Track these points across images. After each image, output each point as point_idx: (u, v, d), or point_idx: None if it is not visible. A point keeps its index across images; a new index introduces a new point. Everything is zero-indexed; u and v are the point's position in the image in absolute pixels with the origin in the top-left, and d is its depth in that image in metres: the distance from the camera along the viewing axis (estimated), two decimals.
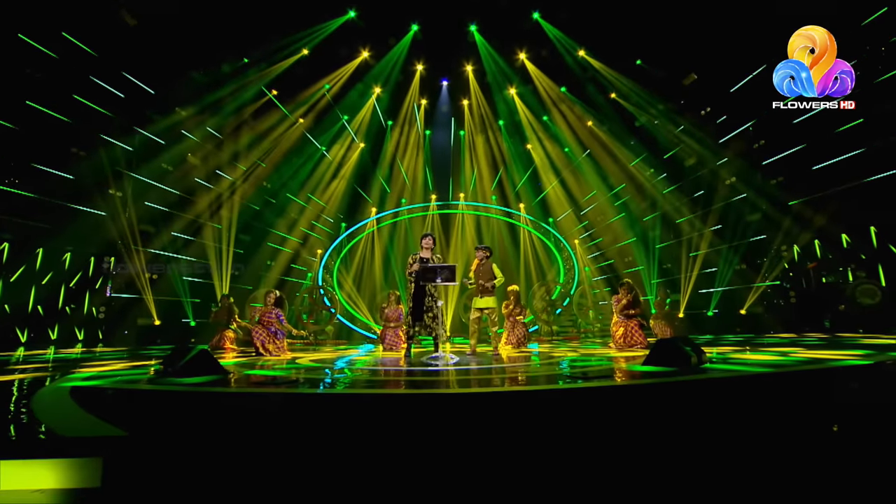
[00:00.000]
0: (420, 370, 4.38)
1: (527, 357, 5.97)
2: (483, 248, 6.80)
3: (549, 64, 12.29)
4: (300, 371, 4.42)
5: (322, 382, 3.52)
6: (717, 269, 11.49)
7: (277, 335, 7.12)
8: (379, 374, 4.16)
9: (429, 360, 5.55)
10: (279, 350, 7.06)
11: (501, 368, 4.35)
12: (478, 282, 6.64)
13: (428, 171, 16.01)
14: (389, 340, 8.92)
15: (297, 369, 4.61)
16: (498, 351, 6.46)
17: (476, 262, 6.77)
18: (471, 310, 6.83)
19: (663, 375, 3.33)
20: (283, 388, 3.03)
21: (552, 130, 14.36)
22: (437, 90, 14.15)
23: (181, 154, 11.02)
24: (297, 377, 3.67)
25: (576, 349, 7.19)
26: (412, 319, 6.55)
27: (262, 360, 5.83)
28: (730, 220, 11.24)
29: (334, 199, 15.01)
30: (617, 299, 7.45)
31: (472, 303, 6.80)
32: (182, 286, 11.01)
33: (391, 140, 14.93)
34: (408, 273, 6.63)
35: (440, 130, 15.43)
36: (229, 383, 3.34)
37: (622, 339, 7.15)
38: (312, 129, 13.72)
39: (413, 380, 3.64)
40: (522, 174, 15.51)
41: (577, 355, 5.80)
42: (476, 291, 6.67)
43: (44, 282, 8.65)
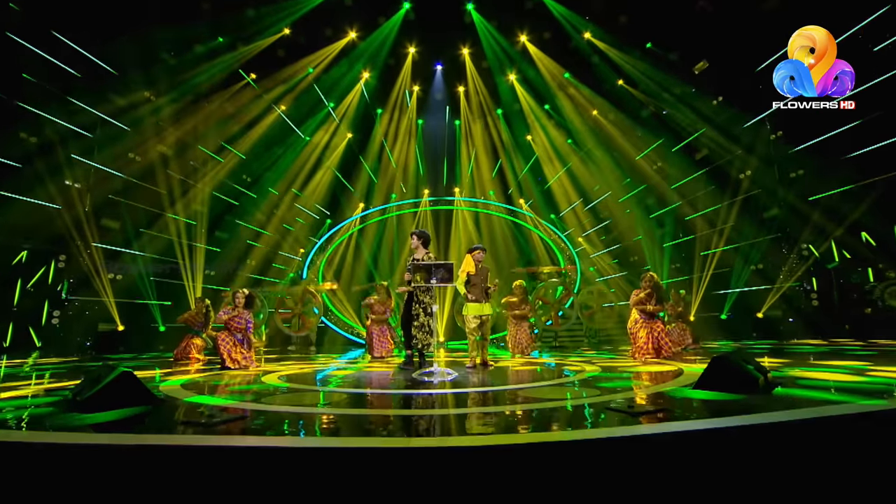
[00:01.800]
0: (411, 393, 3.55)
1: (535, 372, 5.16)
2: (481, 247, 6.04)
3: (554, 46, 11.51)
4: (261, 395, 3.58)
5: (283, 420, 2.68)
6: (733, 269, 10.78)
7: (243, 343, 6.25)
8: (359, 402, 3.32)
9: (422, 377, 4.75)
10: (246, 360, 6.19)
11: (514, 394, 3.54)
12: (480, 286, 5.86)
13: (420, 164, 15.21)
14: (377, 340, 8.14)
15: (259, 392, 3.77)
16: (489, 362, 5.74)
17: (473, 263, 5.98)
18: (467, 318, 6.02)
19: (733, 408, 2.54)
20: (220, 433, 2.19)
21: (556, 119, 13.58)
22: (430, 75, 13.32)
23: (148, 142, 10.07)
24: (247, 412, 2.82)
25: (591, 360, 6.40)
26: (407, 330, 5.80)
27: (223, 376, 4.96)
28: (747, 216, 10.55)
29: (318, 193, 14.12)
30: (636, 293, 6.66)
31: (465, 309, 6.00)
32: (148, 287, 10.06)
33: (380, 129, 14.07)
34: (407, 280, 5.81)
35: (434, 119, 14.59)
36: (147, 423, 2.49)
37: (649, 345, 6.34)
38: (294, 117, 12.83)
39: (402, 414, 2.81)
40: (523, 167, 14.73)
41: (596, 370, 5.01)
42: (479, 296, 5.88)
43: None
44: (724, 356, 3.18)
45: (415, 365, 5.81)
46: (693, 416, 2.46)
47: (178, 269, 10.65)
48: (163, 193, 10.43)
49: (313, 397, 3.48)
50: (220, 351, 6.12)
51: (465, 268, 6.00)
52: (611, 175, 13.46)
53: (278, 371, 5.49)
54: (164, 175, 10.51)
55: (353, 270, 14.55)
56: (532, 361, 6.61)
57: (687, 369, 4.65)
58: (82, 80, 8.84)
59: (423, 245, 5.92)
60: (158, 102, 10.16)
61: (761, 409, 2.40)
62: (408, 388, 4.00)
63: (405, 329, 5.82)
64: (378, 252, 14.87)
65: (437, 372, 4.96)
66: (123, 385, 2.81)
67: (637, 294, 6.61)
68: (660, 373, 4.55)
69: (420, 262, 5.72)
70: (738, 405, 2.60)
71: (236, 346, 6.17)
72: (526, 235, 15.32)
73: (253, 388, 4.05)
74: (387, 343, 8.35)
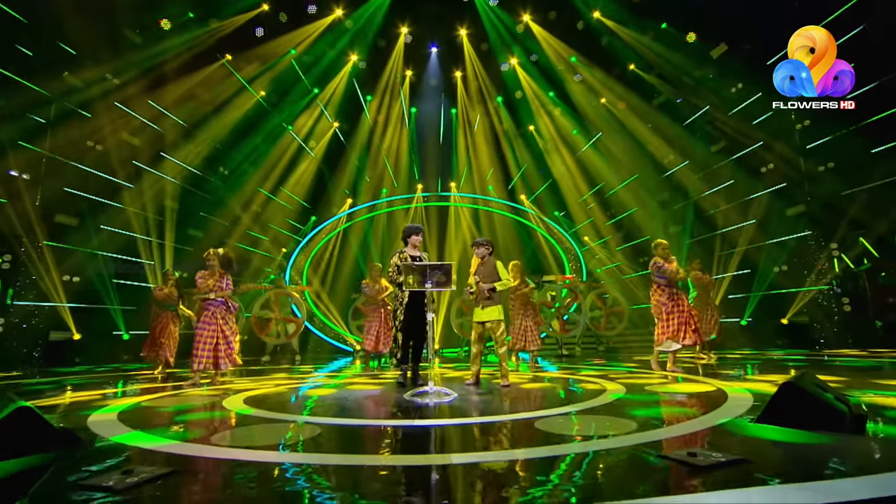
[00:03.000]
0: (398, 426, 2.98)
1: (547, 391, 4.61)
2: (482, 243, 5.34)
3: (560, 26, 11.00)
4: (214, 428, 2.99)
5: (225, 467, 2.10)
6: (756, 271, 10.31)
7: (228, 323, 5.53)
8: (329, 440, 2.75)
9: (414, 399, 4.20)
10: (228, 359, 5.44)
11: (530, 429, 2.98)
12: (479, 286, 5.26)
13: (414, 156, 14.63)
14: (373, 333, 7.59)
15: (213, 424, 3.18)
16: (507, 381, 5.10)
17: (476, 261, 5.39)
18: (472, 323, 5.45)
19: (828, 455, 2.00)
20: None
21: (562, 107, 13.07)
22: (424, 59, 12.78)
23: (110, 128, 9.41)
24: (178, 471, 2.24)
25: (606, 373, 5.85)
26: (401, 339, 5.21)
27: (179, 396, 4.36)
28: (771, 212, 10.08)
29: (301, 187, 13.52)
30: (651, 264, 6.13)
31: (472, 315, 5.43)
32: (110, 290, 9.40)
33: (369, 118, 13.51)
34: (394, 279, 5.29)
35: (428, 107, 14.06)
36: (33, 490, 1.91)
37: (684, 327, 5.80)
38: (275, 103, 12.23)
39: (381, 465, 2.25)
40: (526, 159, 14.22)
41: (619, 390, 4.46)
42: (477, 300, 5.29)
43: None
44: (797, 382, 2.64)
45: (407, 381, 5.27)
46: (791, 472, 1.91)
47: (143, 271, 10.00)
48: (126, 186, 9.77)
49: (276, 434, 2.89)
50: (202, 352, 5.30)
51: (472, 267, 5.46)
52: (622, 168, 12.98)
53: (248, 390, 4.89)
54: (128, 166, 9.85)
55: (337, 272, 13.95)
56: (539, 373, 6.05)
57: (729, 390, 4.11)
58: (34, 58, 8.19)
59: (404, 240, 5.39)
60: (119, 83, 9.50)
61: (875, 461, 1.85)
62: (395, 416, 3.43)
63: (398, 340, 5.26)
64: (367, 252, 14.30)
65: (431, 392, 4.40)
66: (19, 426, 2.21)
67: (673, 265, 6.04)
68: (698, 395, 4.01)
69: (414, 261, 5.16)
70: (833, 451, 2.06)
71: (227, 334, 5.44)
72: (531, 234, 14.82)
73: (207, 416, 3.46)
74: (374, 338, 7.77)
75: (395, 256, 5.34)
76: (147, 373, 7.22)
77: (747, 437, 2.44)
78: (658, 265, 6.03)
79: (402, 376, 5.20)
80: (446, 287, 4.66)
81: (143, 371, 7.47)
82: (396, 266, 5.26)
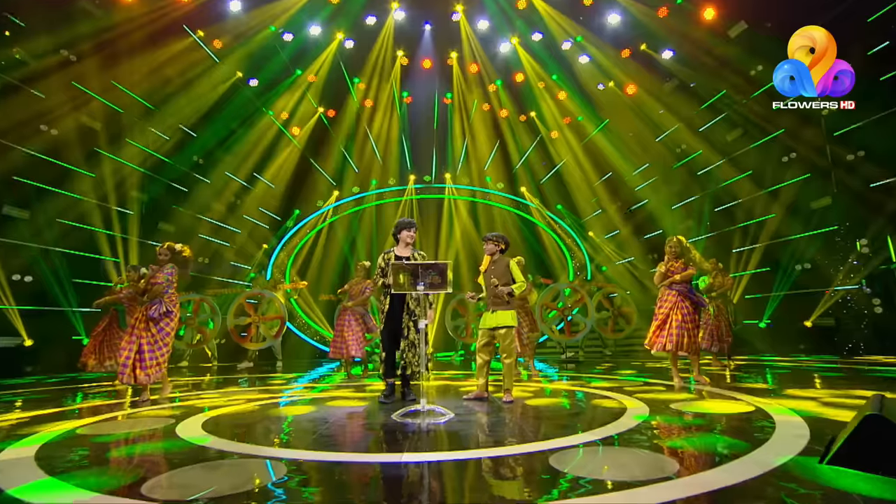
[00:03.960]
0: (382, 463, 2.52)
1: (561, 409, 4.16)
2: (495, 239, 4.89)
3: (564, 2, 10.53)
4: (152, 468, 2.51)
5: None
6: (777, 269, 9.94)
7: (150, 330, 4.96)
8: (295, 481, 2.28)
9: (404, 419, 3.77)
10: (152, 368, 4.91)
11: (544, 464, 2.53)
12: (489, 288, 4.80)
13: (405, 145, 14.18)
14: (354, 338, 7.18)
15: (154, 459, 2.71)
16: (511, 396, 4.68)
17: (486, 259, 4.94)
18: (478, 330, 5.00)
19: None
20: None
21: (567, 91, 12.60)
22: (417, 39, 12.24)
23: (66, 109, 8.84)
24: None
25: (620, 384, 5.41)
26: (385, 346, 4.75)
27: (124, 419, 3.88)
28: (794, 205, 9.70)
29: (282, 177, 13.01)
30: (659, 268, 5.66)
31: (480, 321, 4.99)
32: (68, 291, 8.86)
33: (357, 102, 13.00)
34: (378, 282, 4.87)
35: (421, 92, 13.52)
36: None
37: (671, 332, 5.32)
38: (253, 84, 11.67)
39: None
40: (528, 147, 13.76)
41: (641, 409, 4.02)
42: (488, 301, 4.84)
43: None
44: (882, 412, 2.20)
45: (395, 394, 4.82)
46: None
47: (105, 268, 9.46)
48: (86, 174, 9.20)
49: (230, 477, 2.42)
50: (121, 360, 4.83)
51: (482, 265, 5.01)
52: (632, 157, 12.57)
53: (214, 407, 4.40)
54: (88, 152, 9.28)
55: (321, 271, 13.49)
56: (543, 383, 5.61)
57: (770, 409, 3.69)
58: None
59: (395, 237, 4.94)
60: (76, 59, 8.91)
61: None
62: (380, 446, 2.97)
63: (386, 349, 4.79)
64: (353, 249, 13.88)
65: (424, 411, 3.96)
66: None
67: (661, 268, 5.61)
68: (738, 419, 3.59)
69: (405, 260, 4.70)
70: None
71: (142, 342, 4.89)
72: (533, 230, 14.42)
73: (151, 449, 2.98)
74: (357, 343, 7.33)
75: (381, 257, 4.89)
76: (107, 384, 6.73)
77: (828, 489, 2.00)
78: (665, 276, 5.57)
79: (386, 392, 4.73)
80: (441, 289, 4.22)
81: (104, 383, 6.97)
82: (381, 268, 4.81)
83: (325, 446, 2.99)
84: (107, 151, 9.66)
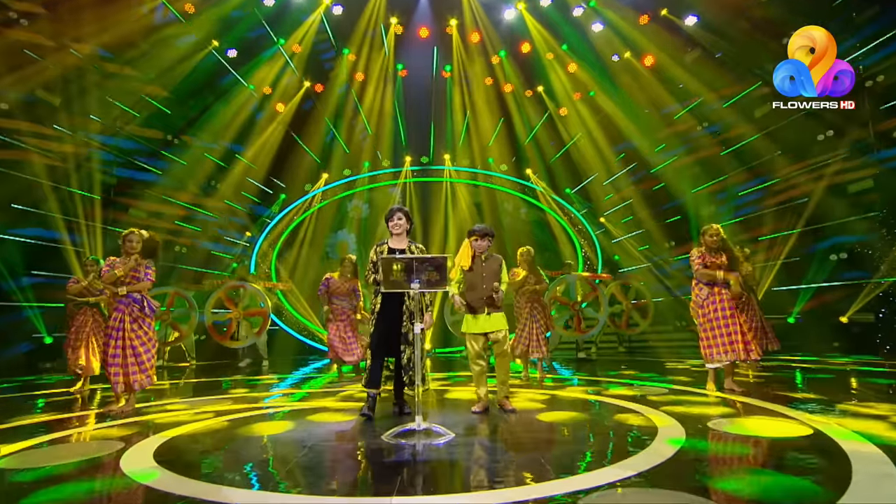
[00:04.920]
0: None
1: (579, 427, 3.73)
2: (482, 232, 4.48)
3: None
4: None
5: None
6: (812, 258, 9.54)
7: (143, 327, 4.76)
8: None
9: (397, 441, 3.41)
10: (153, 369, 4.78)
11: None
12: (482, 288, 4.44)
13: (400, 122, 13.68)
14: (338, 341, 6.86)
15: None
16: (511, 405, 4.38)
17: (468, 253, 4.51)
18: (466, 339, 4.58)
19: None
20: None
21: (578, 62, 12.04)
22: (413, 4, 11.74)
23: (16, 79, 8.32)
24: None
25: (643, 392, 4.99)
26: (373, 351, 4.30)
27: (74, 444, 3.45)
28: (832, 188, 9.22)
29: (264, 158, 12.57)
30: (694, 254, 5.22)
31: (464, 324, 4.57)
32: (24, 285, 8.42)
33: (346, 75, 12.51)
34: (370, 279, 4.42)
35: (418, 63, 12.98)
36: None
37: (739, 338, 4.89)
38: (231, 55, 11.15)
39: None
40: (535, 125, 13.29)
41: (676, 429, 3.59)
42: (479, 304, 4.45)
43: None
44: None
45: (391, 405, 4.43)
46: None
47: (67, 259, 9.01)
48: (43, 154, 8.69)
49: None
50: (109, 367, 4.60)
51: (459, 260, 4.55)
52: (650, 134, 12.07)
53: (177, 424, 3.97)
54: (45, 129, 8.78)
55: (309, 260, 13.12)
56: (553, 390, 5.18)
57: (834, 434, 3.26)
58: None
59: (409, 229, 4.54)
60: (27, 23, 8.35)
61: None
62: (367, 483, 2.54)
63: (374, 355, 4.36)
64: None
65: (419, 431, 3.56)
66: None
67: (695, 255, 5.16)
68: (796, 445, 3.16)
69: (398, 254, 4.27)
70: None
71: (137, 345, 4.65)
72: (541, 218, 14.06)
73: (81, 491, 2.55)
74: (349, 347, 6.95)
75: (373, 250, 4.45)
76: (66, 389, 6.33)
77: None
78: (698, 259, 5.14)
79: (369, 405, 4.29)
80: (440, 287, 3.81)
81: (63, 386, 6.58)
82: (372, 262, 4.37)
83: (300, 484, 2.57)
84: (66, 128, 9.15)
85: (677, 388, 5.50)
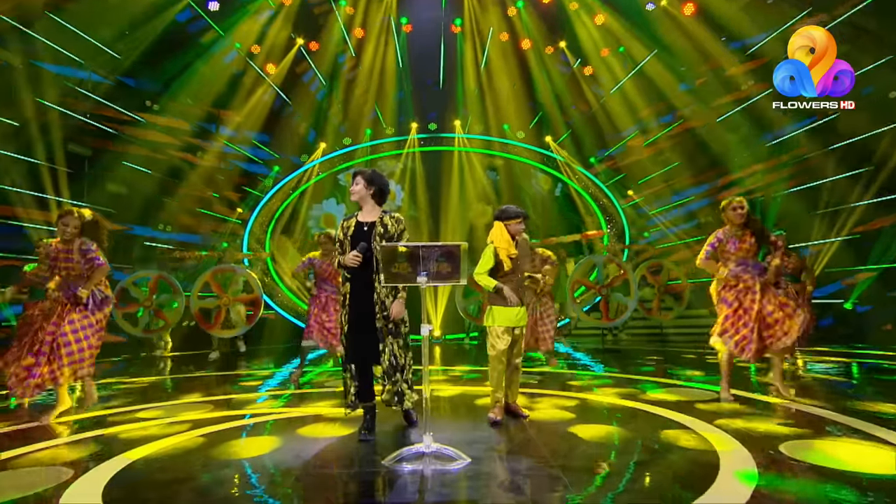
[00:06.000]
0: None
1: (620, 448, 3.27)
2: (524, 215, 4.18)
3: None
4: None
5: None
6: (879, 235, 8.99)
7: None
8: None
9: (400, 466, 3.08)
10: (87, 361, 4.51)
11: None
12: (516, 278, 4.15)
13: (406, 85, 13.14)
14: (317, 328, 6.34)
15: None
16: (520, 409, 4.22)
17: (507, 238, 4.13)
18: (492, 332, 4.11)
19: None
20: None
21: (606, 12, 11.41)
22: None
23: None
24: None
25: (679, 394, 4.51)
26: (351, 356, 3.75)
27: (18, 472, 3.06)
28: None
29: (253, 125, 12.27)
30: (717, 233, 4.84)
31: (489, 317, 4.13)
32: None
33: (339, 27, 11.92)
34: (337, 261, 3.85)
35: (424, 16, 12.41)
36: None
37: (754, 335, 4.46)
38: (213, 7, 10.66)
39: None
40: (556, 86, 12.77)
41: (748, 464, 3.12)
42: (512, 296, 4.07)
43: None
44: None
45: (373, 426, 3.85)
46: None
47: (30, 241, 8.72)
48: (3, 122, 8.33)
49: None
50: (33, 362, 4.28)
51: (500, 246, 4.08)
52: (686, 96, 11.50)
53: (145, 440, 3.57)
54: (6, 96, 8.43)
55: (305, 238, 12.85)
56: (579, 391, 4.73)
57: None
58: None
59: (377, 196, 3.85)
60: None
61: None
62: None
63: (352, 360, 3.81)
64: None
65: (429, 453, 3.12)
66: None
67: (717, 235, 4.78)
68: None
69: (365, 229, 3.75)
70: None
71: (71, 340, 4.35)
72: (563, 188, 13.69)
73: None
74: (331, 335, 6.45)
75: (339, 225, 3.90)
76: None
77: None
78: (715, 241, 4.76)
79: (366, 424, 3.75)
80: (452, 280, 3.32)
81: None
82: (339, 241, 3.83)
83: None
84: (31, 92, 8.73)
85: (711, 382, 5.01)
